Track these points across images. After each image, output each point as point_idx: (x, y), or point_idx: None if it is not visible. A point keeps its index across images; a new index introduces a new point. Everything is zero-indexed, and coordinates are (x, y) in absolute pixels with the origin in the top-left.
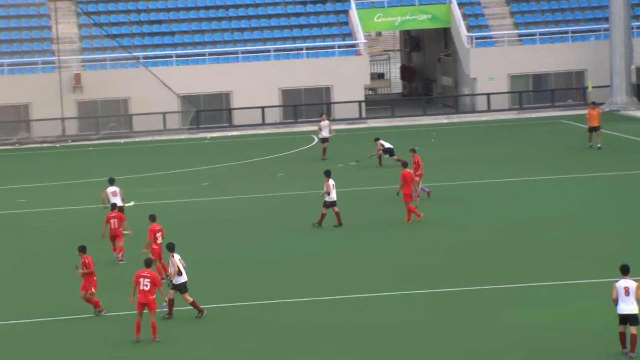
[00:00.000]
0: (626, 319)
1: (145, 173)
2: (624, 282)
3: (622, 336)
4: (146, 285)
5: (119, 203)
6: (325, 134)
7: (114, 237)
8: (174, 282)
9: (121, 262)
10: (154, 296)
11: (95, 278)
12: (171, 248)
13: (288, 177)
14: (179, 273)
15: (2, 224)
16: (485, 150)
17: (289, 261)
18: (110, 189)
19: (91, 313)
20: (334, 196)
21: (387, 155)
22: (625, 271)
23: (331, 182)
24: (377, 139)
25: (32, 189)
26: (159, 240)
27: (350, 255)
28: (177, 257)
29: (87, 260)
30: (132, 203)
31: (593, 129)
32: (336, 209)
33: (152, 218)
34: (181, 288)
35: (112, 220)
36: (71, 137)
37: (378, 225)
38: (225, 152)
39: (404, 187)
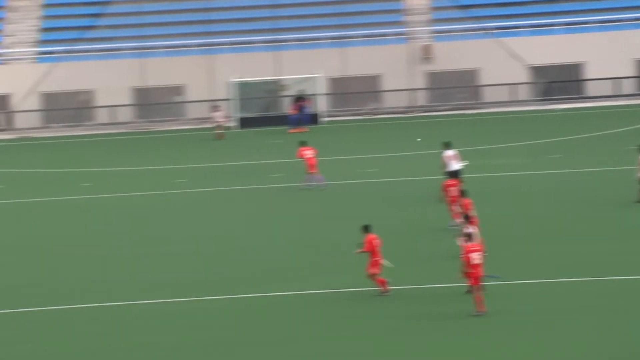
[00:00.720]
0: None
1: (491, 145)
2: None
3: None
4: (477, 259)
5: (457, 167)
6: None
7: (453, 204)
8: None
9: (455, 227)
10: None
11: (376, 258)
12: None
13: None
14: None
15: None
16: None
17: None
18: (448, 153)
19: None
20: None
21: None
22: None
23: None
24: None
25: (381, 158)
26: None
27: None
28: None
29: (368, 240)
30: (465, 163)
31: None
32: None
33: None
34: None
35: (451, 188)
36: (420, 107)
37: None
38: (576, 124)
39: None
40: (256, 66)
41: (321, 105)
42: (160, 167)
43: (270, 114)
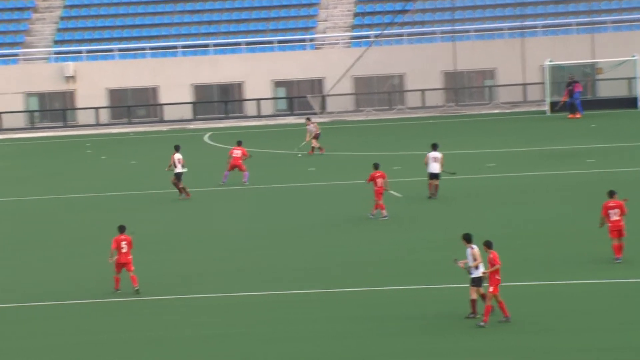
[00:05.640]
0: None
1: None
2: None
3: None
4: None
5: None
6: None
7: None
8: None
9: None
10: None
11: (497, 277)
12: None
13: None
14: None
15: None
16: None
17: None
18: None
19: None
20: None
21: None
22: None
23: None
24: None
25: None
26: None
27: None
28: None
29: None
30: None
31: None
32: None
33: None
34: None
35: None
36: None
37: None
38: None
39: None
40: (569, 49)
41: None
42: (470, 151)
43: (584, 98)
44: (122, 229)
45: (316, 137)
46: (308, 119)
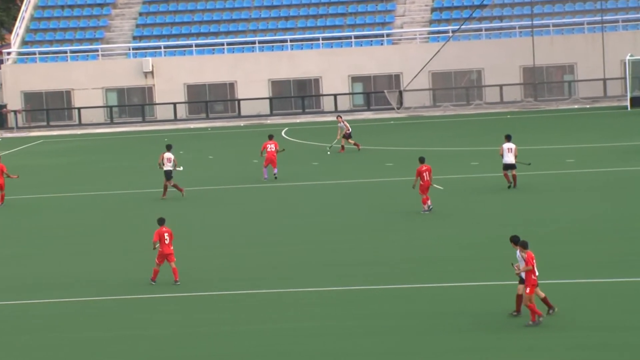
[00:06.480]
0: None
1: None
2: None
3: None
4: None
5: None
6: None
7: None
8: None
9: None
10: None
11: (533, 277)
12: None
13: None
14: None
15: None
16: None
17: None
18: None
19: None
20: None
21: None
22: None
23: None
24: None
25: None
26: None
27: None
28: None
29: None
30: None
31: None
32: None
33: None
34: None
35: None
36: None
37: None
38: None
39: None
40: None
41: None
42: (549, 146)
43: None
44: (162, 222)
45: (347, 136)
46: (339, 116)
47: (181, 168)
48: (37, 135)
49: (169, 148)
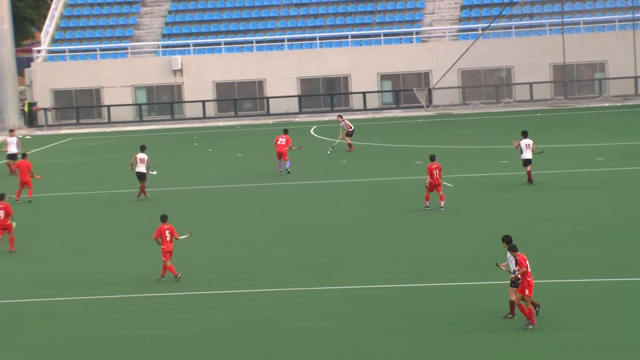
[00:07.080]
0: None
1: None
2: None
3: None
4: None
5: None
6: None
7: None
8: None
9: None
10: None
11: (528, 279)
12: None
13: None
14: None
15: None
16: None
17: None
18: None
19: None
20: None
21: None
22: None
23: None
24: None
25: None
26: None
27: None
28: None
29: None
30: None
31: None
32: None
33: None
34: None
35: None
36: None
37: None
38: None
39: None
40: None
41: None
42: (580, 144)
43: None
44: (164, 219)
45: (349, 134)
46: (339, 116)
47: (154, 172)
48: (66, 133)
49: (142, 149)
